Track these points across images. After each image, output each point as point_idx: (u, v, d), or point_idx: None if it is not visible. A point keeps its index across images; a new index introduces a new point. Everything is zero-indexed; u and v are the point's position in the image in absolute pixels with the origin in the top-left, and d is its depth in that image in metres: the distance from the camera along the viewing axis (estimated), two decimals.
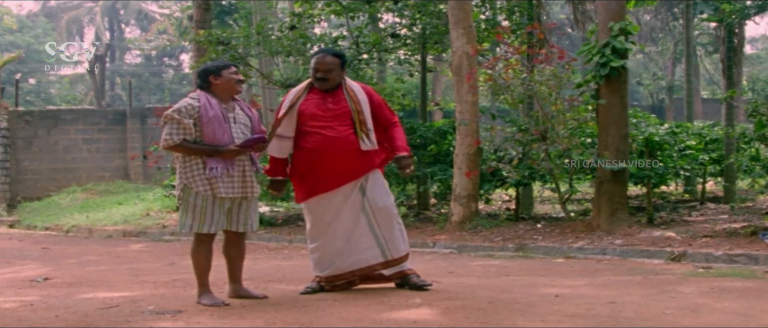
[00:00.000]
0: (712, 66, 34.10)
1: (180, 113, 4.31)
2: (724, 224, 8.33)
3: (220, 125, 4.36)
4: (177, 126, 4.30)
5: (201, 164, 4.34)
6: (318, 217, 4.78)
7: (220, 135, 4.35)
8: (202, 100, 4.38)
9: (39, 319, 4.08)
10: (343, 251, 4.73)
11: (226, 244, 4.61)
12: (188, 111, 4.33)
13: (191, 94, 4.52)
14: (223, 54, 11.27)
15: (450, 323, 3.79)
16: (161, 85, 41.28)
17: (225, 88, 4.47)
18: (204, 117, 4.33)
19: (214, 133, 4.34)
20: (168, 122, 4.32)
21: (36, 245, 10.29)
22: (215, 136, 4.34)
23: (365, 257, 4.75)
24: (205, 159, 4.33)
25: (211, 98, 4.41)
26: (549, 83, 8.60)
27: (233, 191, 4.41)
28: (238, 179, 4.44)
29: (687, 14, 15.16)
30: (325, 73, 4.74)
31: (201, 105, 4.36)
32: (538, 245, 7.79)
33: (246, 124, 4.54)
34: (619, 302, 4.27)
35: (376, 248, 4.74)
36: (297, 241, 9.67)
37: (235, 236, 4.59)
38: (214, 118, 4.34)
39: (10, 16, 40.18)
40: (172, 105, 4.53)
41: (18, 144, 18.73)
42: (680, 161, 9.56)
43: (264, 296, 4.64)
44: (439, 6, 11.75)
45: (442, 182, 10.69)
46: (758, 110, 7.74)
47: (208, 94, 4.44)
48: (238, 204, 4.49)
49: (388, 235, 4.75)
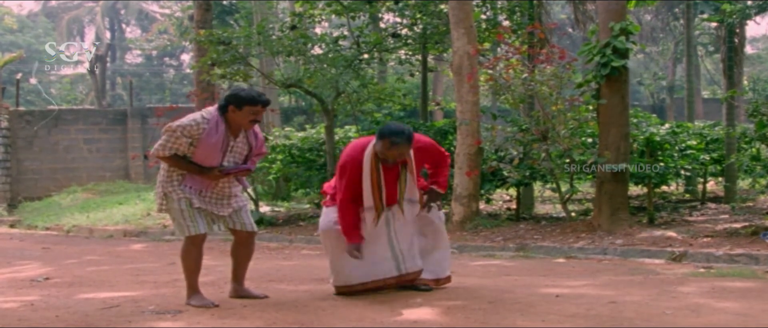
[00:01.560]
0: (712, 66, 34.09)
1: (183, 131, 4.29)
2: (724, 224, 8.33)
3: (214, 152, 4.35)
4: (173, 141, 4.30)
5: (180, 178, 4.39)
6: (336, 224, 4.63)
7: (210, 160, 4.36)
8: (212, 124, 4.33)
9: (39, 319, 4.08)
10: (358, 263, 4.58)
11: (236, 245, 4.63)
12: (190, 130, 4.29)
13: (205, 112, 4.42)
14: (223, 54, 11.27)
15: (450, 323, 3.79)
16: (162, 85, 41.29)
17: (236, 123, 4.40)
18: (204, 141, 4.31)
19: (204, 158, 4.35)
20: (167, 133, 4.32)
21: (36, 244, 10.29)
22: (204, 161, 4.36)
23: (379, 269, 4.63)
24: (186, 176, 4.38)
25: (221, 124, 4.36)
26: (550, 83, 8.59)
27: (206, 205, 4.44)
28: (212, 198, 4.46)
29: (688, 14, 15.16)
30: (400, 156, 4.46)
31: (208, 128, 4.31)
32: (539, 245, 7.79)
33: (241, 153, 4.50)
34: (620, 302, 4.27)
35: (391, 262, 4.63)
36: (297, 241, 9.67)
37: (246, 237, 4.60)
38: (213, 145, 4.33)
39: (11, 15, 40.23)
40: (173, 106, 4.52)
41: (19, 144, 18.74)
42: (681, 161, 9.56)
43: (264, 296, 4.65)
44: (439, 6, 11.75)
45: None
46: (759, 110, 7.74)
47: (221, 119, 4.37)
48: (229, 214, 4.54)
49: (407, 250, 4.67)
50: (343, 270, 4.65)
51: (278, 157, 12.09)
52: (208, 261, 4.68)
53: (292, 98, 26.43)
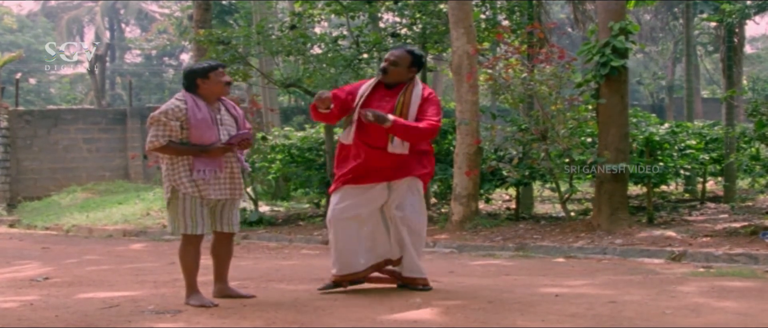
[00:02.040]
0: (712, 65, 34.11)
1: (167, 116, 4.27)
2: (724, 224, 8.33)
3: (208, 127, 4.34)
4: (163, 128, 4.27)
5: (187, 166, 4.33)
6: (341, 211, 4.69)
7: (208, 137, 4.33)
8: (189, 103, 4.33)
9: (39, 319, 4.07)
10: (360, 251, 4.70)
11: (216, 244, 4.60)
12: (174, 113, 4.29)
13: (177, 95, 4.45)
14: (223, 53, 11.26)
15: (450, 323, 3.79)
16: (161, 85, 41.27)
17: (212, 91, 4.42)
18: (192, 119, 4.29)
19: (201, 136, 4.32)
20: (154, 124, 4.30)
21: (36, 244, 10.29)
22: (202, 138, 4.32)
23: (375, 254, 4.76)
24: (193, 162, 4.32)
25: (198, 100, 4.37)
26: (549, 83, 8.59)
27: (222, 192, 4.43)
28: (226, 180, 4.45)
29: (687, 14, 15.17)
30: (390, 64, 4.68)
31: (188, 107, 4.31)
32: (539, 245, 7.79)
33: (231, 125, 4.51)
34: (620, 301, 4.27)
35: (387, 244, 4.75)
36: (297, 241, 9.67)
37: (225, 237, 4.59)
38: (202, 121, 4.32)
39: (10, 15, 40.22)
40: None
41: (18, 144, 18.73)
42: (680, 161, 9.56)
43: (251, 296, 4.64)
44: (439, 5, 11.74)
45: (442, 182, 10.70)
46: (758, 110, 7.74)
47: (195, 96, 4.39)
48: (223, 205, 4.51)
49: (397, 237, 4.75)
50: (348, 259, 4.70)
51: (278, 157, 12.09)
52: (207, 260, 4.68)
53: (292, 98, 26.44)
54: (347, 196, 4.71)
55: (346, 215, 4.69)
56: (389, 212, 4.72)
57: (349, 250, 4.70)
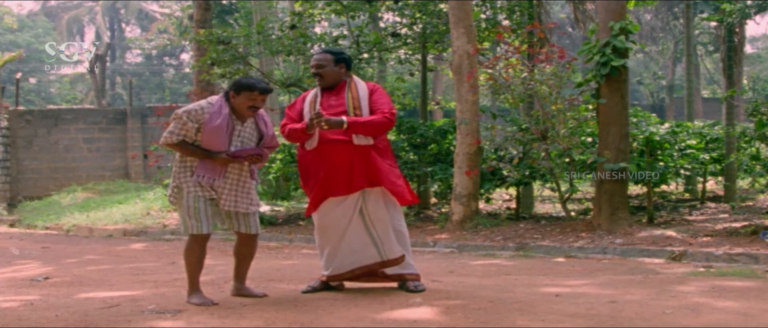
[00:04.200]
0: (712, 65, 34.09)
1: (188, 115, 4.40)
2: (724, 224, 8.33)
3: (220, 136, 4.40)
4: (181, 127, 4.40)
5: (191, 168, 4.45)
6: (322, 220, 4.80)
7: (216, 144, 4.41)
8: (215, 108, 4.43)
9: (39, 318, 4.08)
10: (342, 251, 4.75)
11: (238, 244, 4.69)
12: (196, 114, 4.39)
13: (212, 97, 4.56)
14: (223, 53, 11.27)
15: (450, 323, 3.79)
16: (162, 85, 41.29)
17: (237, 109, 4.49)
18: (208, 123, 4.38)
19: (210, 142, 4.40)
20: (174, 120, 4.43)
21: (36, 244, 10.28)
22: (210, 145, 4.41)
23: (362, 256, 4.76)
24: (196, 165, 4.42)
25: (225, 108, 4.45)
26: (549, 82, 8.59)
27: (227, 203, 4.46)
28: (232, 191, 4.47)
29: (687, 14, 15.16)
30: (317, 68, 4.81)
31: (210, 113, 4.41)
32: (539, 245, 7.79)
33: (250, 140, 4.56)
34: (620, 301, 4.27)
35: (372, 248, 4.74)
36: (297, 240, 9.67)
37: (246, 238, 4.64)
38: (217, 128, 4.38)
39: (11, 15, 40.19)
40: (173, 105, 4.57)
41: (18, 143, 18.73)
42: (681, 161, 9.56)
43: (264, 295, 4.70)
44: (439, 5, 11.74)
45: (442, 181, 10.69)
46: (758, 109, 7.74)
47: (225, 104, 4.46)
48: (237, 211, 4.53)
49: (384, 236, 4.74)
50: (333, 261, 4.78)
51: (278, 156, 12.09)
52: (208, 260, 4.69)
53: (292, 98, 26.42)
54: (324, 212, 4.75)
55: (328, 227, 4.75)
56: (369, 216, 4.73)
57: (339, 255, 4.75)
